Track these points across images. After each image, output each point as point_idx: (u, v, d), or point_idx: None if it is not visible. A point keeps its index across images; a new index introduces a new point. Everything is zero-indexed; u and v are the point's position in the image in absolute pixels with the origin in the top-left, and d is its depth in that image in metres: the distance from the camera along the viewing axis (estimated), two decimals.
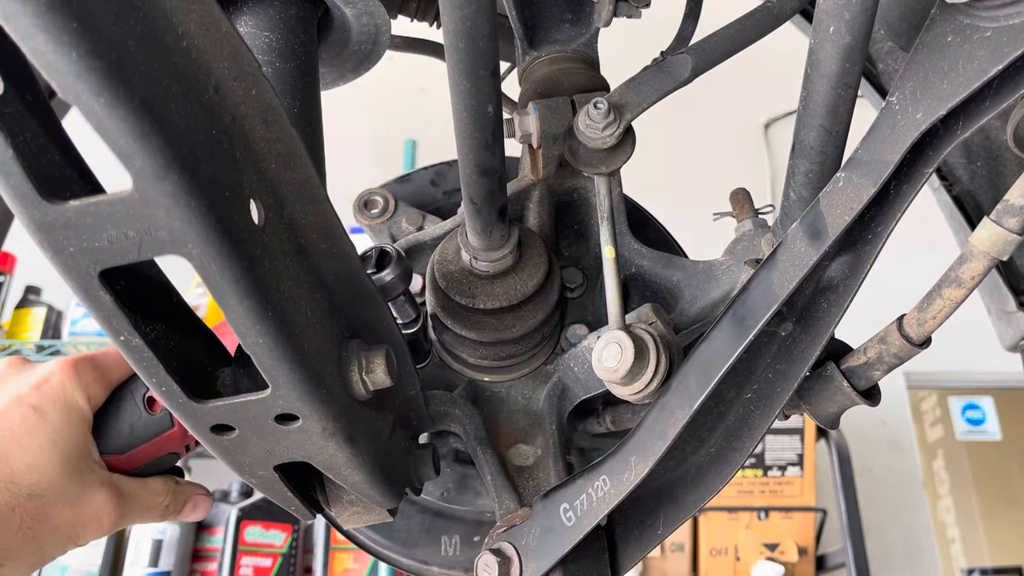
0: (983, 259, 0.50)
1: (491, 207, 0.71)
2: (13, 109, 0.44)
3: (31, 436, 0.67)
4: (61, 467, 0.68)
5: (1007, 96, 0.47)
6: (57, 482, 0.67)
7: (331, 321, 0.59)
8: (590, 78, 0.84)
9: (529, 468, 0.80)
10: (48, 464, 0.67)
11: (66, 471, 0.68)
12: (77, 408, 0.70)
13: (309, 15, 0.78)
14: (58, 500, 0.67)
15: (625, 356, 0.63)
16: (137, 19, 0.39)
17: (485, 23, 0.54)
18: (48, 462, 0.67)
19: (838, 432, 2.73)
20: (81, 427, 0.70)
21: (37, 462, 0.67)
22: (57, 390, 0.69)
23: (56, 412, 0.69)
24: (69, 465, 0.68)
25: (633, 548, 0.70)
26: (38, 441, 0.67)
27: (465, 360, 0.83)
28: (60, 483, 0.67)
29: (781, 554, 2.66)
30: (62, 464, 0.68)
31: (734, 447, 0.66)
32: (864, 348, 0.60)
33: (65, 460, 0.68)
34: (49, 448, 0.67)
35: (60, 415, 0.69)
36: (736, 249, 0.79)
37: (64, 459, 0.68)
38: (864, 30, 0.52)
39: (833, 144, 0.60)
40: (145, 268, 0.56)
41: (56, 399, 0.69)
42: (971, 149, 1.08)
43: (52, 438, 0.68)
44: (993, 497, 3.19)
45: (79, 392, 0.70)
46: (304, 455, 0.60)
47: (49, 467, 0.67)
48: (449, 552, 0.92)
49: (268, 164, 0.50)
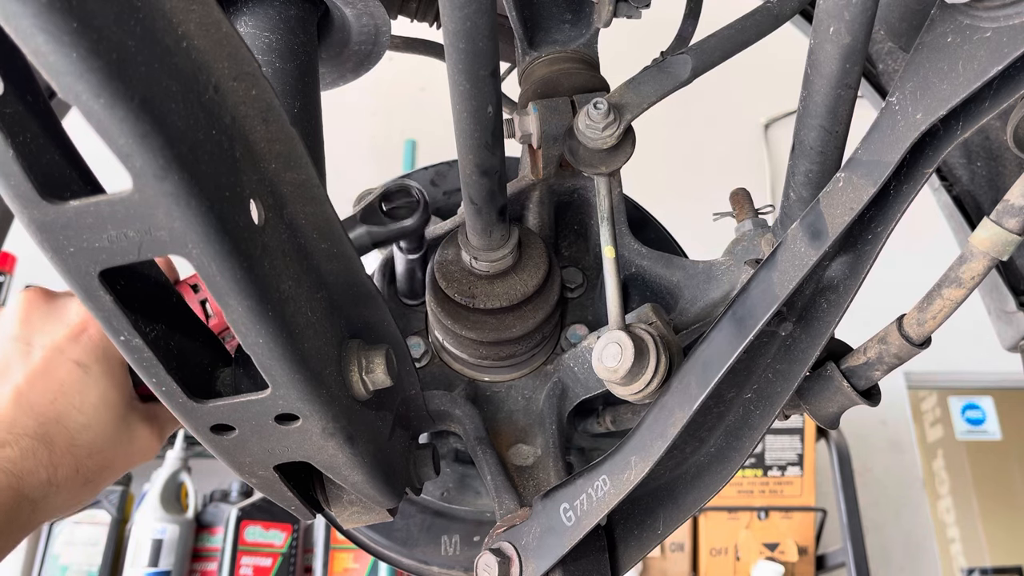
0: (983, 259, 0.50)
1: (491, 207, 0.71)
2: (13, 109, 0.44)
3: (82, 395, 0.69)
4: (113, 421, 0.70)
5: (1007, 96, 0.47)
6: (111, 434, 0.70)
7: (331, 321, 0.59)
8: (590, 78, 0.84)
9: (529, 468, 0.80)
10: (101, 421, 0.70)
11: (117, 423, 0.71)
12: (117, 358, 0.71)
13: (309, 15, 0.78)
14: (115, 449, 0.71)
15: (625, 356, 0.63)
16: (137, 19, 0.39)
17: (485, 23, 0.54)
18: (101, 419, 0.70)
19: (838, 432, 2.73)
20: (122, 374, 0.72)
21: (91, 421, 0.69)
22: (97, 341, 0.70)
23: (100, 366, 0.70)
24: (118, 416, 0.71)
25: (633, 548, 0.70)
26: (90, 400, 0.69)
27: (465, 360, 0.83)
28: (114, 435, 0.71)
29: (781, 554, 2.66)
30: (113, 418, 0.71)
31: (734, 447, 0.66)
32: (864, 348, 0.60)
33: (115, 413, 0.71)
34: (100, 405, 0.70)
35: (103, 368, 0.70)
36: (736, 249, 0.79)
37: (114, 413, 0.71)
38: (864, 30, 0.52)
39: (833, 144, 0.60)
40: (145, 268, 0.57)
41: (96, 352, 0.70)
42: (971, 149, 1.08)
43: (101, 394, 0.70)
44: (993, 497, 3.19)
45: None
46: (304, 455, 0.60)
47: (102, 423, 0.70)
48: (449, 552, 0.92)
49: (268, 164, 0.50)
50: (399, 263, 0.84)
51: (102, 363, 0.70)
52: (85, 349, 0.70)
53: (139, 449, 0.74)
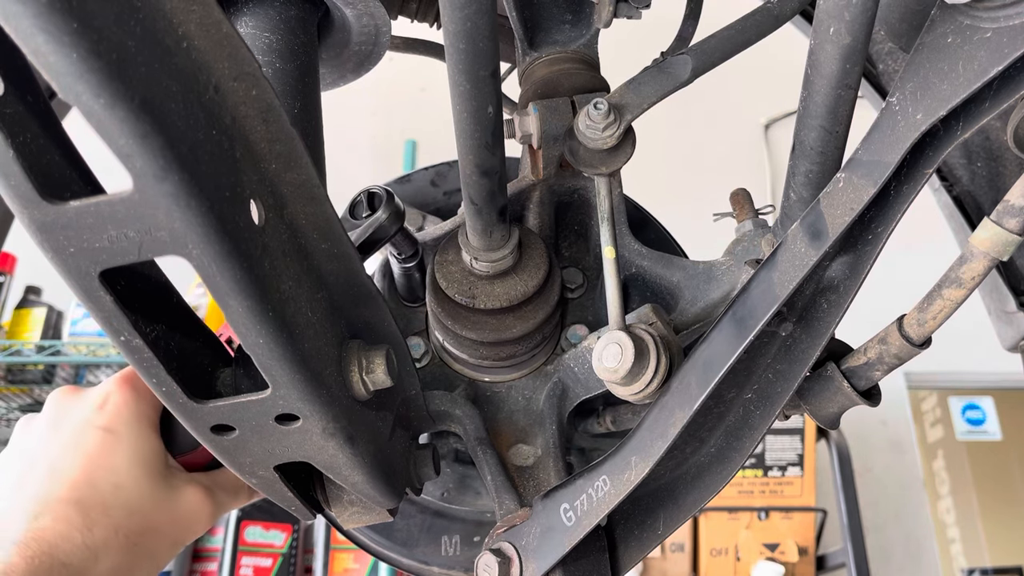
0: (983, 259, 0.50)
1: (491, 208, 0.71)
2: (13, 109, 0.44)
3: (111, 457, 0.69)
4: (147, 477, 0.70)
5: (1007, 97, 0.47)
6: (147, 492, 0.70)
7: (331, 321, 0.59)
8: (590, 79, 0.84)
9: (529, 468, 0.80)
10: (133, 479, 0.70)
11: (152, 480, 0.71)
12: (144, 419, 0.72)
13: (309, 16, 0.78)
14: (155, 508, 0.70)
15: (625, 356, 0.63)
16: (137, 20, 0.39)
17: (485, 24, 0.54)
18: (133, 477, 0.70)
19: (838, 432, 2.73)
20: (152, 436, 0.73)
21: (123, 480, 0.69)
22: (120, 407, 0.72)
23: (127, 428, 0.71)
24: (153, 473, 0.71)
25: (633, 548, 0.70)
26: (119, 461, 0.70)
27: (465, 360, 0.83)
28: (151, 492, 0.70)
29: (781, 554, 2.66)
30: (146, 475, 0.70)
31: (734, 447, 0.66)
32: (864, 348, 0.60)
33: (148, 470, 0.71)
34: (131, 464, 0.70)
35: (131, 430, 0.71)
36: (736, 249, 0.79)
37: (147, 470, 0.71)
38: (864, 31, 0.52)
39: (833, 144, 0.60)
40: (145, 268, 0.56)
41: (122, 416, 0.71)
42: (971, 149, 1.07)
43: (130, 454, 0.70)
44: (993, 497, 3.19)
45: (141, 403, 0.72)
46: (304, 455, 0.60)
47: (135, 482, 0.70)
48: (449, 552, 0.92)
49: (268, 164, 0.50)
50: (396, 271, 0.84)
51: (130, 425, 0.71)
52: (110, 415, 0.71)
53: (187, 512, 0.73)
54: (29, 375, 2.66)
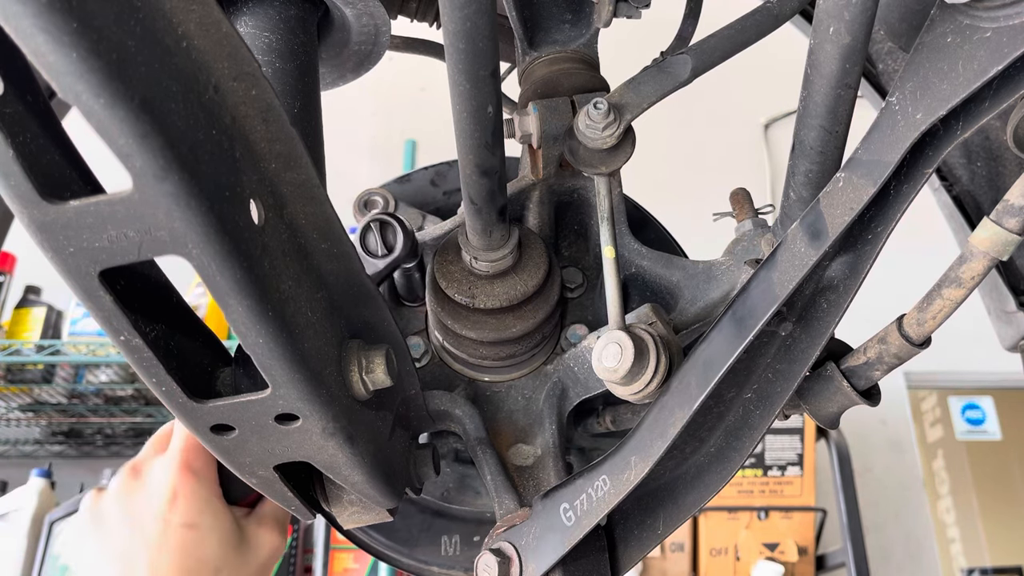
0: (983, 259, 0.50)
1: (491, 207, 0.71)
2: (13, 109, 0.44)
3: (200, 550, 0.75)
4: (234, 550, 0.78)
5: (1007, 96, 0.47)
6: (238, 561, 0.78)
7: (331, 321, 0.59)
8: (590, 78, 0.84)
9: (529, 468, 0.80)
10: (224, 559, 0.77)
11: (238, 549, 0.78)
12: (213, 500, 0.78)
13: (309, 15, 0.78)
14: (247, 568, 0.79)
15: (625, 356, 0.63)
16: (137, 19, 0.39)
17: (485, 23, 0.54)
18: (223, 557, 0.77)
19: (838, 432, 2.73)
20: (224, 511, 0.79)
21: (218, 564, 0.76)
22: (191, 499, 0.77)
23: (203, 518, 0.77)
24: (236, 543, 0.79)
25: (633, 548, 0.70)
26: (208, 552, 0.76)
27: (465, 360, 0.83)
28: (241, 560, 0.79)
29: (781, 554, 2.66)
30: (233, 548, 0.78)
31: (734, 447, 0.66)
32: (864, 348, 0.60)
33: (232, 543, 0.78)
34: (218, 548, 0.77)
35: (207, 518, 0.77)
36: (736, 249, 0.79)
37: (231, 544, 0.78)
38: (864, 31, 0.52)
39: (833, 144, 0.60)
40: (145, 268, 0.56)
41: (196, 507, 0.77)
42: (971, 149, 1.08)
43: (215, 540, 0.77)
44: (993, 497, 3.19)
45: (204, 486, 0.78)
46: (304, 455, 0.60)
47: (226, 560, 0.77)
48: (449, 552, 0.92)
49: (268, 164, 0.50)
50: (396, 272, 0.84)
51: (205, 514, 0.77)
52: (186, 511, 0.76)
53: (268, 554, 0.81)
54: (29, 375, 2.67)
